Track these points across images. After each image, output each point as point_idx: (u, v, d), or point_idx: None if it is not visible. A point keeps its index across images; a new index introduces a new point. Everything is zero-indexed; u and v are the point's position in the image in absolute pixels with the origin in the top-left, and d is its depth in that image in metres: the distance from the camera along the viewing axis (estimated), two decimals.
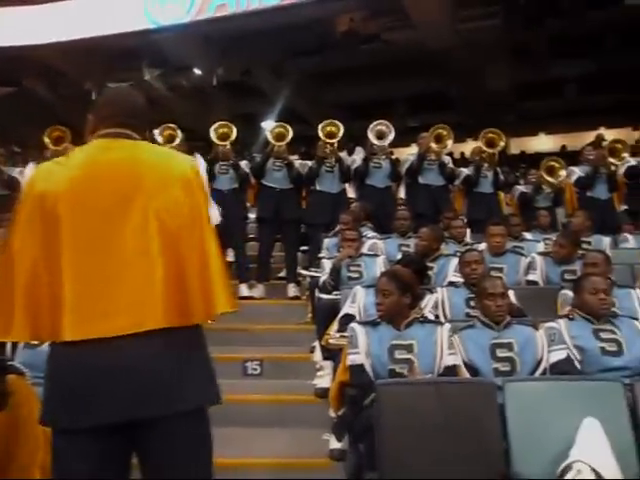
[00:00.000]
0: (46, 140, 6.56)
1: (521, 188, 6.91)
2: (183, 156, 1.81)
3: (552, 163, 6.53)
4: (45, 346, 2.92)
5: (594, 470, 2.24)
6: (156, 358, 1.59)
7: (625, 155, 6.42)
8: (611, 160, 6.38)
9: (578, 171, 6.55)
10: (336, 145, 6.36)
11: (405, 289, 3.06)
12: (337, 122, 6.39)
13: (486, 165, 6.54)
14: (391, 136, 6.31)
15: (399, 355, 2.93)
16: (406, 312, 3.07)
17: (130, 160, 1.68)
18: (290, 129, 6.32)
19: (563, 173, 6.46)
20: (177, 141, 6.09)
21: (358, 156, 6.85)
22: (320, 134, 6.31)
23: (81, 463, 1.56)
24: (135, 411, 1.55)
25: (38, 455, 1.85)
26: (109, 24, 11.25)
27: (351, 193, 6.84)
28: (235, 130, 6.33)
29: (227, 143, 6.26)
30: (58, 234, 1.58)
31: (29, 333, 1.59)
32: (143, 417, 1.56)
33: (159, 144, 5.68)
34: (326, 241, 5.46)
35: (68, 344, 1.55)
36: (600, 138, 9.82)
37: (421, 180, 6.45)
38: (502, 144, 6.54)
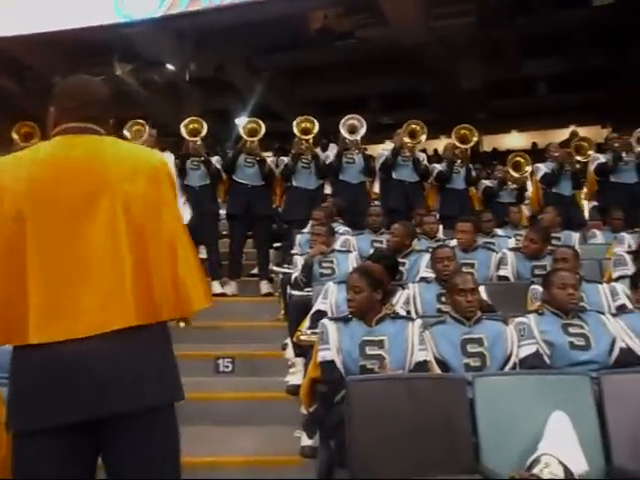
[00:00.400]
0: (15, 136, 6.43)
1: (486, 182, 6.97)
2: (150, 150, 1.78)
3: (518, 159, 6.64)
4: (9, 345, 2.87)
5: (561, 463, 2.27)
6: (119, 356, 1.55)
7: (590, 153, 6.53)
8: (577, 158, 6.50)
9: (544, 168, 6.64)
10: (312, 141, 6.34)
11: (376, 285, 3.05)
12: (312, 118, 6.38)
13: (459, 161, 6.59)
14: (363, 130, 6.31)
15: (370, 351, 2.93)
16: (377, 308, 3.06)
17: (95, 156, 1.64)
18: (262, 125, 6.29)
19: (528, 169, 6.57)
20: (145, 136, 6.01)
21: (331, 152, 6.84)
22: (295, 130, 6.29)
23: (44, 464, 1.53)
24: (97, 409, 1.51)
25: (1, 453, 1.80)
26: (77, 17, 11.02)
27: (328, 189, 6.84)
28: (206, 126, 6.28)
29: (198, 139, 6.20)
30: (20, 232, 1.54)
31: None
32: (105, 414, 1.52)
33: (126, 139, 5.60)
34: (299, 237, 5.45)
35: (33, 346, 1.51)
36: (574, 134, 9.99)
37: (395, 176, 6.46)
38: (474, 140, 6.60)
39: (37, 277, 1.52)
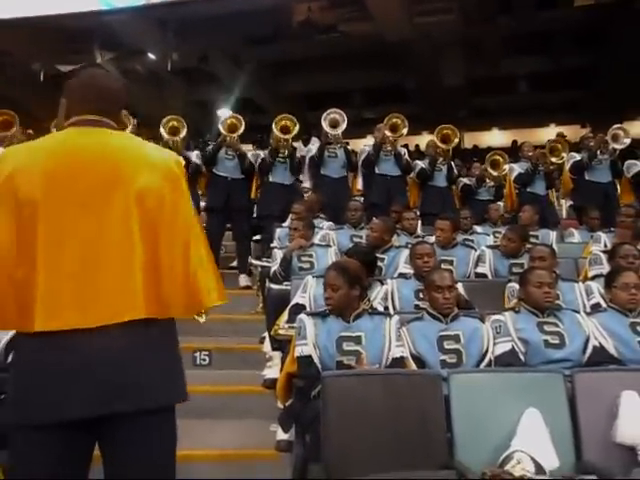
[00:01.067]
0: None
1: (464, 180, 7.02)
2: (167, 150, 1.77)
3: (496, 157, 6.69)
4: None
5: (533, 459, 2.30)
6: (125, 353, 1.53)
7: (564, 155, 6.59)
8: (551, 159, 6.56)
9: (517, 168, 6.69)
10: (290, 140, 6.34)
11: (353, 282, 3.06)
12: (292, 117, 6.37)
13: (441, 159, 6.62)
14: (344, 124, 6.32)
15: (347, 347, 2.93)
16: (355, 304, 3.07)
17: (110, 149, 1.63)
18: (242, 120, 6.29)
19: (506, 167, 6.63)
20: (130, 128, 5.95)
21: (314, 146, 6.84)
22: (274, 129, 6.29)
23: (43, 457, 1.51)
24: (99, 408, 1.50)
25: None
26: (58, 3, 10.85)
27: (306, 183, 6.83)
28: (185, 126, 6.26)
29: (177, 138, 6.17)
30: (32, 221, 1.52)
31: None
32: (107, 413, 1.50)
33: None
34: (278, 231, 5.44)
35: (37, 335, 1.48)
36: (561, 135, 10.14)
37: (377, 170, 6.48)
38: (456, 140, 6.65)
39: (47, 265, 1.50)
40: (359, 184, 6.91)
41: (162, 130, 6.23)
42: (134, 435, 1.54)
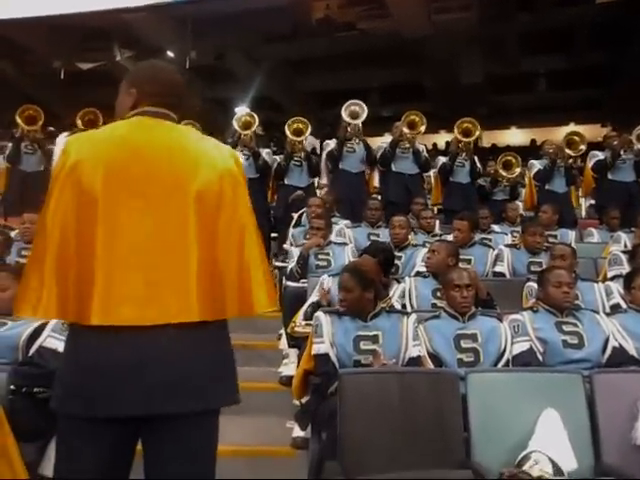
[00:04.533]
0: (18, 119, 6.43)
1: (479, 181, 6.98)
2: (226, 147, 1.75)
3: (509, 158, 6.61)
4: (5, 330, 2.86)
5: (551, 460, 2.28)
6: (184, 353, 1.53)
7: (582, 147, 6.47)
8: (568, 152, 6.43)
9: (538, 164, 6.63)
10: (305, 142, 6.35)
11: (367, 285, 3.05)
12: (304, 120, 6.40)
13: (463, 155, 6.58)
14: (364, 115, 6.29)
15: (364, 346, 2.94)
16: (370, 306, 3.06)
17: (173, 144, 1.62)
18: (256, 118, 6.31)
19: (518, 170, 6.56)
20: None
21: (332, 141, 6.82)
22: (287, 132, 6.31)
23: (90, 448, 1.51)
24: (154, 407, 1.49)
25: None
26: (78, 1, 10.94)
27: (323, 179, 6.82)
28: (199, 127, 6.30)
29: None
30: (93, 211, 1.51)
31: (56, 311, 1.52)
32: (155, 413, 1.50)
33: None
34: (292, 230, 5.45)
35: (93, 328, 1.49)
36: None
37: (394, 168, 6.45)
38: (477, 134, 6.59)
39: (105, 259, 1.50)
40: (376, 181, 6.90)
41: None
42: (178, 434, 1.54)
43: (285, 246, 5.26)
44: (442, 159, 6.78)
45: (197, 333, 1.54)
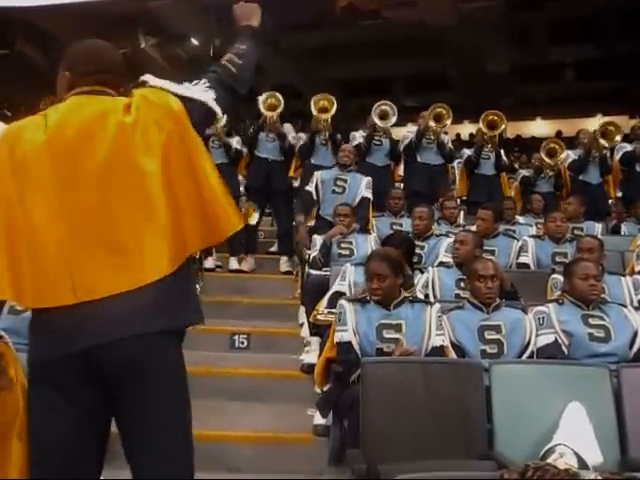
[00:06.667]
0: (42, 107, 6.49)
1: (523, 172, 6.89)
2: (163, 93, 1.69)
3: (552, 145, 6.47)
4: (29, 312, 2.89)
5: (576, 453, 2.25)
6: (146, 298, 1.51)
7: (618, 138, 6.32)
8: (603, 142, 6.26)
9: (572, 155, 6.51)
10: (329, 120, 6.31)
11: (397, 270, 3.04)
12: (330, 97, 6.36)
13: (489, 146, 6.51)
14: (394, 118, 6.25)
15: (387, 334, 2.92)
16: (397, 293, 3.05)
17: (110, 109, 1.60)
18: (281, 99, 6.30)
19: (563, 156, 6.40)
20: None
21: (358, 133, 6.78)
22: (313, 108, 6.28)
23: (59, 419, 1.51)
24: (107, 336, 1.48)
25: (17, 419, 1.81)
26: None
27: None
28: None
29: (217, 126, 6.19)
30: (44, 193, 1.52)
31: (10, 292, 1.52)
32: (111, 340, 1.48)
33: None
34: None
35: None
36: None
37: (419, 159, 6.42)
38: (503, 127, 6.51)
39: (64, 237, 1.50)
40: (400, 170, 6.88)
41: None
42: (136, 384, 1.51)
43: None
44: (467, 151, 6.71)
45: (162, 281, 1.52)
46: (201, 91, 1.72)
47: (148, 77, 1.72)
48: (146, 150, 1.56)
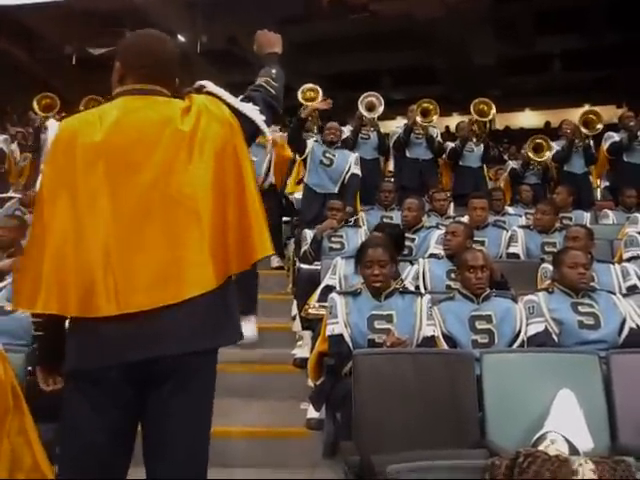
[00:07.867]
0: (35, 107, 6.53)
1: (512, 164, 6.91)
2: (219, 104, 1.68)
3: (539, 141, 6.47)
4: (22, 312, 2.88)
5: (567, 440, 2.27)
6: (195, 316, 1.52)
7: (599, 126, 6.32)
8: (585, 131, 6.28)
9: (556, 146, 6.53)
10: (317, 113, 6.34)
11: (394, 258, 3.10)
12: (316, 87, 6.45)
13: (474, 140, 6.51)
14: (381, 108, 6.27)
15: (378, 325, 2.93)
16: (390, 281, 3.07)
17: (165, 117, 1.56)
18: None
19: (548, 154, 6.40)
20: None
21: (346, 128, 6.78)
22: (300, 98, 6.31)
23: (95, 416, 1.50)
24: (147, 351, 1.48)
25: (6, 420, 1.80)
26: None
27: None
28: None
29: None
30: (94, 198, 1.49)
31: (56, 305, 1.49)
32: (168, 354, 1.49)
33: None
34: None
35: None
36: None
37: (409, 154, 6.44)
38: (492, 114, 6.51)
39: (107, 244, 1.48)
40: (391, 166, 6.89)
41: None
42: (176, 386, 1.52)
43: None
44: (450, 144, 6.71)
45: (209, 296, 1.52)
46: (252, 109, 1.72)
47: (206, 83, 1.69)
48: (200, 162, 1.53)
